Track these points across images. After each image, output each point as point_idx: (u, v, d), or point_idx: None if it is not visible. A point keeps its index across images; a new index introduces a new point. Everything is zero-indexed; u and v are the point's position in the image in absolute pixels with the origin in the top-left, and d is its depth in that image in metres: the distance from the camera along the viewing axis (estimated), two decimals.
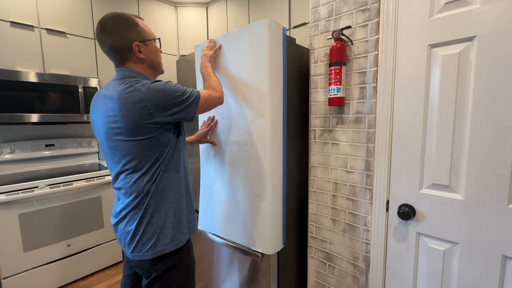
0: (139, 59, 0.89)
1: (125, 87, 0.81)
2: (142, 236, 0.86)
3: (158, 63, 0.96)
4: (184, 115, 0.87)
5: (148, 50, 0.91)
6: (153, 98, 0.80)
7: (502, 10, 0.77)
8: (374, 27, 1.01)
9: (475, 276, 0.88)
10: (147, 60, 0.91)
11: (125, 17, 0.87)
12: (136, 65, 0.90)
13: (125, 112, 0.79)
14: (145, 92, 0.79)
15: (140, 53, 0.88)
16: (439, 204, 0.93)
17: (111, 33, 0.84)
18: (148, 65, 0.92)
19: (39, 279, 1.78)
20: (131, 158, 0.84)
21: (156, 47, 0.94)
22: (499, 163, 0.80)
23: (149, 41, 0.91)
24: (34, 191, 1.71)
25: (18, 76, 1.79)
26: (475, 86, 0.83)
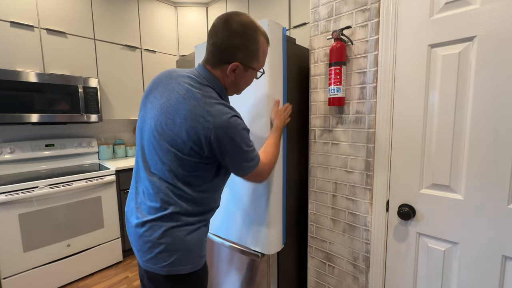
0: (227, 76, 0.80)
1: (206, 102, 0.73)
2: (163, 250, 0.78)
3: (240, 89, 0.87)
4: (231, 167, 0.80)
5: (243, 76, 0.82)
6: (220, 137, 0.72)
7: (502, 10, 0.77)
8: (374, 27, 1.01)
9: (475, 276, 0.88)
10: (233, 83, 0.82)
11: (253, 31, 0.77)
12: (222, 77, 0.81)
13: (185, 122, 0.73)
14: (217, 126, 0.72)
15: (233, 72, 0.79)
16: (439, 204, 0.93)
17: (232, 35, 0.75)
18: (231, 85, 0.84)
19: (39, 279, 1.78)
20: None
21: (252, 78, 0.86)
22: (499, 163, 0.80)
23: (251, 69, 0.81)
24: (34, 191, 1.71)
25: (18, 76, 1.79)
26: (475, 86, 0.83)
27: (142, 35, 2.54)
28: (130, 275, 2.06)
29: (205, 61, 0.81)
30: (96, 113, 2.18)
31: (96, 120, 2.20)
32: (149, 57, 2.60)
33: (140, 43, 2.53)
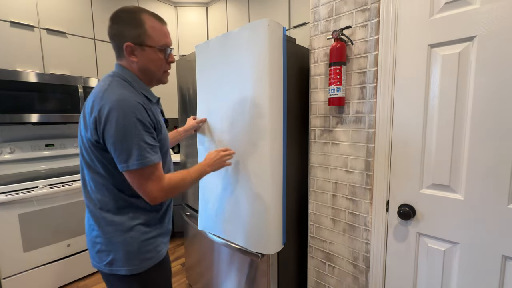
0: (131, 61, 0.81)
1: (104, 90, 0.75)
2: (100, 250, 0.82)
3: (153, 72, 0.84)
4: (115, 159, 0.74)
5: (144, 56, 0.80)
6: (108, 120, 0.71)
7: (502, 10, 0.77)
8: (374, 27, 1.01)
9: (475, 276, 0.88)
10: (140, 66, 0.82)
11: (133, 12, 0.79)
12: (128, 65, 0.82)
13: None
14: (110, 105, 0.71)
15: (132, 55, 0.79)
16: (439, 204, 0.93)
17: (113, 23, 0.79)
18: (142, 70, 0.83)
19: (39, 279, 1.78)
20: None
21: (157, 57, 0.83)
22: (499, 163, 0.80)
23: (148, 47, 0.80)
24: (34, 191, 1.71)
25: (18, 76, 1.79)
26: (475, 86, 0.83)
27: None
28: None
29: (116, 58, 0.84)
30: None
31: None
32: None
33: None
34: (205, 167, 0.99)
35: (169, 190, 0.80)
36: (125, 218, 0.80)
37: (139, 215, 0.82)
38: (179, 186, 0.84)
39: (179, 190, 0.84)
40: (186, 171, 0.90)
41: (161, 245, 0.88)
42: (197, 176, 0.94)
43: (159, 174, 0.77)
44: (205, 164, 1.00)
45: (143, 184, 0.75)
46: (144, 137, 0.73)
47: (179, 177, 0.85)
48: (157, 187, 0.77)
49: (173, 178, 0.82)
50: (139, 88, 0.81)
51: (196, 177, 0.93)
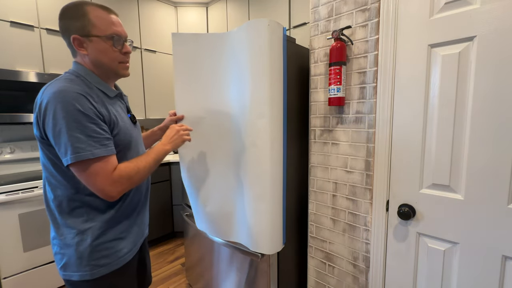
0: (82, 55, 0.78)
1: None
2: (55, 252, 0.80)
3: (107, 64, 0.80)
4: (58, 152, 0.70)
5: (93, 47, 0.77)
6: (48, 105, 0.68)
7: (502, 10, 0.77)
8: (374, 27, 1.01)
9: (475, 276, 0.88)
10: (91, 59, 0.78)
11: (76, 5, 0.77)
12: (81, 60, 0.79)
13: None
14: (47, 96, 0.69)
15: (81, 48, 0.77)
16: (439, 204, 0.93)
17: (60, 19, 0.78)
18: (95, 64, 0.79)
19: (39, 279, 1.78)
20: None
21: (107, 47, 0.78)
22: (499, 163, 0.80)
23: (94, 37, 0.76)
24: (34, 191, 1.71)
25: (18, 76, 1.79)
26: (475, 86, 0.83)
27: (142, 35, 2.54)
28: None
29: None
30: None
31: None
32: (149, 57, 2.60)
33: (140, 43, 2.53)
34: (162, 146, 0.91)
35: (123, 182, 0.74)
36: (79, 220, 0.76)
37: (93, 216, 0.77)
38: (134, 175, 0.77)
39: (136, 179, 0.78)
40: (142, 156, 0.83)
41: (123, 249, 0.82)
42: (155, 158, 0.85)
43: (108, 167, 0.71)
44: (162, 144, 0.92)
45: (91, 179, 0.70)
46: (86, 129, 0.69)
47: (131, 165, 0.77)
48: (107, 181, 0.71)
49: (124, 169, 0.75)
50: (94, 82, 0.78)
51: (154, 159, 0.84)
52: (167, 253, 2.38)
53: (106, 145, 0.72)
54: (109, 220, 0.80)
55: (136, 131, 0.92)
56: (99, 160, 0.70)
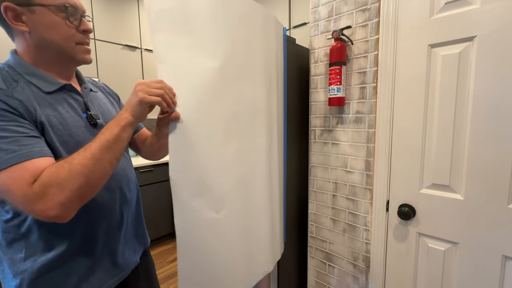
0: (21, 34, 0.56)
1: None
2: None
3: (56, 44, 0.58)
4: None
5: (36, 21, 0.55)
6: None
7: (502, 10, 0.77)
8: (374, 27, 1.01)
9: (475, 276, 0.88)
10: (33, 37, 0.56)
11: None
12: (19, 42, 0.58)
13: None
14: None
15: (18, 22, 0.54)
16: (439, 204, 0.93)
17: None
18: (35, 46, 0.57)
19: None
20: None
21: (57, 20, 0.57)
22: (499, 163, 0.80)
23: (38, 6, 0.54)
24: None
25: None
26: (475, 86, 0.83)
27: (142, 35, 2.54)
28: None
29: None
30: None
31: None
32: (149, 57, 2.60)
33: (140, 43, 2.53)
34: (122, 112, 0.59)
35: (52, 191, 0.48)
36: (18, 257, 0.56)
37: (35, 250, 0.56)
38: (66, 176, 0.49)
39: (74, 180, 0.49)
40: (91, 145, 0.53)
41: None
42: (104, 138, 0.54)
43: (29, 174, 0.48)
44: (132, 111, 0.59)
45: (9, 195, 0.48)
46: None
47: (56, 164, 0.50)
48: (31, 196, 0.47)
49: (46, 172, 0.49)
50: (23, 73, 0.56)
51: (102, 140, 0.53)
52: (167, 253, 2.38)
53: (21, 147, 0.49)
54: (56, 259, 0.57)
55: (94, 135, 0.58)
56: (7, 171, 0.47)
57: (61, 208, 0.49)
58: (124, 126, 0.56)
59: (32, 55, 0.58)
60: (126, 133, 0.57)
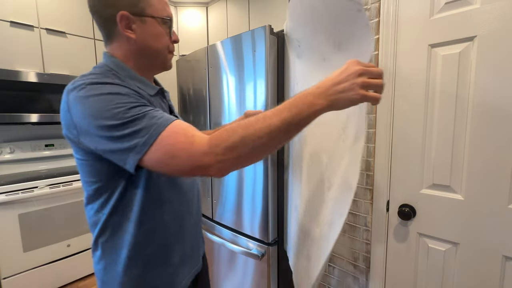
0: (127, 39, 0.60)
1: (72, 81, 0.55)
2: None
3: (156, 52, 0.64)
4: (115, 159, 0.51)
5: (144, 30, 0.60)
6: (76, 112, 0.51)
7: (502, 10, 0.76)
8: (374, 27, 1.01)
9: (475, 277, 0.88)
10: (139, 44, 0.61)
11: None
12: (120, 47, 0.61)
13: (61, 117, 0.56)
14: (70, 100, 0.51)
15: (128, 30, 0.59)
16: (440, 204, 0.93)
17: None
18: (137, 52, 0.62)
19: (39, 279, 1.78)
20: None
21: (161, 32, 0.63)
22: (499, 163, 0.80)
23: (149, 18, 0.60)
24: (34, 191, 1.71)
25: (18, 76, 1.79)
26: (475, 86, 0.82)
27: None
28: None
29: (104, 45, 0.64)
30: None
31: None
32: None
33: None
34: (312, 96, 0.49)
35: (219, 149, 0.48)
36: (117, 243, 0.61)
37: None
38: (232, 135, 0.48)
39: (246, 150, 0.47)
40: (268, 116, 0.49)
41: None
42: (286, 115, 0.47)
43: (184, 133, 0.51)
44: (314, 92, 0.50)
45: (175, 152, 0.49)
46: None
47: (241, 125, 0.49)
48: (199, 151, 0.48)
49: (226, 132, 0.49)
50: (126, 76, 0.60)
51: (283, 118, 0.47)
52: None
53: (163, 114, 0.52)
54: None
55: None
56: (167, 131, 0.49)
57: (221, 169, 0.49)
58: (316, 113, 0.49)
59: (132, 60, 0.62)
60: (309, 122, 0.50)
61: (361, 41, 0.62)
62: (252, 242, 1.26)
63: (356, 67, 0.49)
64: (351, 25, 0.64)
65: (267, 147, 0.49)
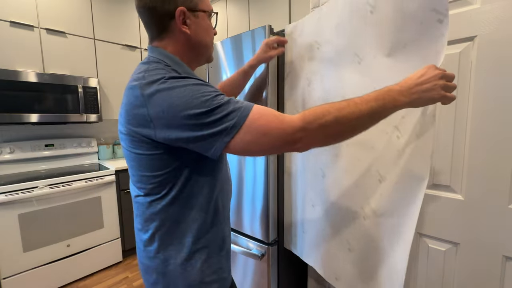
0: (181, 34, 0.62)
1: (135, 77, 0.57)
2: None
3: (206, 46, 0.66)
4: (198, 147, 0.54)
5: (198, 24, 0.63)
6: (157, 104, 0.52)
7: (502, 10, 0.76)
8: None
9: (475, 277, 0.88)
10: (193, 39, 0.63)
11: None
12: (173, 42, 0.62)
13: (125, 113, 0.57)
14: (147, 94, 0.52)
15: (184, 25, 0.61)
16: (440, 204, 0.93)
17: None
18: (191, 46, 0.64)
19: (39, 279, 1.78)
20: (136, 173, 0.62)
21: (209, 24, 0.66)
22: (499, 163, 0.80)
23: (201, 12, 0.63)
24: (34, 191, 1.71)
25: (18, 76, 1.79)
26: (476, 86, 0.82)
27: (142, 35, 2.54)
28: (130, 275, 2.06)
29: (150, 40, 0.65)
30: (95, 113, 2.18)
31: (96, 120, 2.19)
32: None
33: (140, 43, 2.52)
34: (396, 93, 0.55)
35: (309, 119, 0.52)
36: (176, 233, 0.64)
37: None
38: (326, 114, 0.52)
39: (335, 130, 0.53)
40: (358, 102, 0.54)
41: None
42: (374, 105, 0.53)
43: (272, 112, 0.56)
44: (397, 90, 0.56)
45: (267, 129, 0.53)
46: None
47: (335, 106, 0.53)
48: (293, 127, 0.52)
49: (320, 109, 0.53)
50: (183, 72, 0.60)
51: (371, 107, 0.53)
52: None
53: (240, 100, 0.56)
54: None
55: None
56: (252, 113, 0.52)
57: (308, 144, 0.54)
58: (396, 108, 0.56)
59: (184, 54, 0.64)
60: (388, 115, 0.56)
61: (431, 46, 0.67)
62: (252, 242, 1.26)
63: (436, 71, 0.57)
64: (425, 33, 0.68)
65: (352, 130, 0.55)
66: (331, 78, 0.91)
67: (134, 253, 2.36)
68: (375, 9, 0.76)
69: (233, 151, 0.54)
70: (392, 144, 0.78)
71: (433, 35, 0.66)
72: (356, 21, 0.81)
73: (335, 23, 0.87)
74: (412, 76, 0.58)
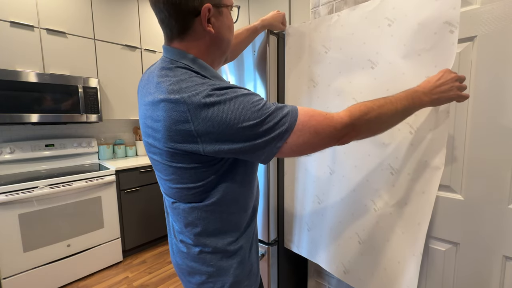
0: (205, 34, 0.57)
1: (167, 87, 0.52)
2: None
3: (228, 43, 0.63)
4: (250, 155, 0.53)
5: (221, 22, 0.58)
6: (205, 119, 0.49)
7: (502, 10, 0.76)
8: None
9: (475, 277, 0.88)
10: (216, 38, 0.59)
11: None
12: (196, 43, 0.57)
13: (163, 128, 0.52)
14: (193, 108, 0.49)
15: (208, 23, 0.56)
16: (440, 204, 0.93)
17: None
18: (213, 46, 0.59)
19: (39, 279, 1.78)
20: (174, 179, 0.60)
21: (231, 20, 0.62)
22: (499, 163, 0.80)
23: (225, 7, 0.58)
24: (34, 191, 1.71)
25: (18, 76, 1.79)
26: (476, 86, 0.82)
27: (142, 35, 2.54)
28: (130, 275, 2.06)
29: (166, 42, 0.60)
30: (96, 113, 2.18)
31: (96, 120, 2.19)
32: (149, 57, 2.60)
33: (140, 43, 2.53)
34: (422, 94, 0.63)
35: (353, 114, 0.56)
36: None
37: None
38: (369, 111, 0.56)
39: (374, 117, 0.57)
40: (395, 101, 0.60)
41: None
42: (406, 103, 0.60)
43: (318, 112, 0.59)
44: (422, 91, 0.64)
45: (317, 129, 0.55)
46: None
47: (376, 103, 0.58)
48: (341, 124, 0.55)
49: (364, 107, 0.58)
50: (211, 76, 0.57)
51: (404, 105, 0.60)
52: (167, 253, 2.38)
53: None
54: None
55: None
56: (302, 114, 0.54)
57: (351, 137, 0.57)
58: (421, 107, 0.64)
59: (208, 54, 0.60)
60: (413, 113, 0.65)
61: (443, 53, 0.74)
62: None
63: (452, 74, 0.67)
64: (438, 41, 0.74)
65: (388, 125, 0.62)
66: (341, 80, 0.96)
67: (134, 253, 2.37)
68: (393, 22, 0.81)
69: (285, 154, 0.54)
70: (405, 139, 0.82)
71: (445, 44, 0.72)
72: (373, 33, 0.86)
73: (350, 32, 0.92)
74: (431, 79, 0.66)
